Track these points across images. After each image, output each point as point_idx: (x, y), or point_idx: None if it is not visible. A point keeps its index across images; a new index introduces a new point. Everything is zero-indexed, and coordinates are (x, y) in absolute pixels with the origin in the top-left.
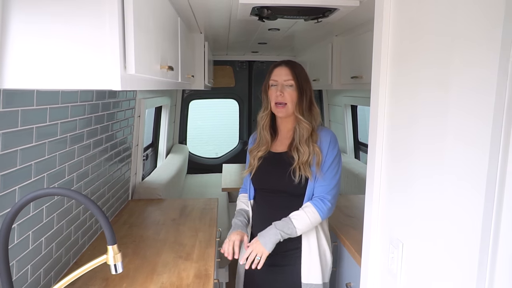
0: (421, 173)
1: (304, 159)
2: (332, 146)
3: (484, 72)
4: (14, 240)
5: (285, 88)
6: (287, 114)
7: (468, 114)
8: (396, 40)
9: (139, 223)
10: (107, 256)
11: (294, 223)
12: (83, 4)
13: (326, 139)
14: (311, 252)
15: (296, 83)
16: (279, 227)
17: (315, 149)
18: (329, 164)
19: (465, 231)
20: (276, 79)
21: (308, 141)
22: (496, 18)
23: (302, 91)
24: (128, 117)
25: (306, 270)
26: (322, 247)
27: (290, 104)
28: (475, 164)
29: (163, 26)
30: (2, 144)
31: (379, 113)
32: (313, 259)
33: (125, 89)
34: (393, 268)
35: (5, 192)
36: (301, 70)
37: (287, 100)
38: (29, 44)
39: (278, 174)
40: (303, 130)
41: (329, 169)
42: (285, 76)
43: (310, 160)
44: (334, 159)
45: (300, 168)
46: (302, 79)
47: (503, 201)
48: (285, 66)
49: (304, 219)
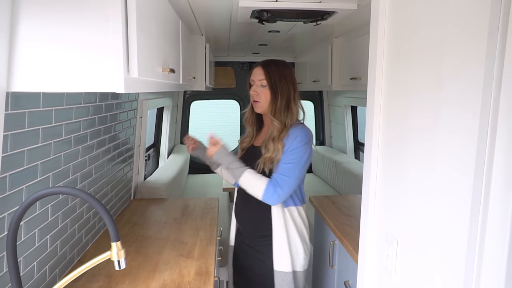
0: (413, 172)
1: (267, 155)
2: (297, 141)
3: (472, 74)
4: (21, 237)
5: (259, 88)
6: (262, 110)
7: (458, 115)
8: (391, 42)
9: (141, 222)
10: (111, 253)
11: (244, 173)
12: (88, 10)
13: (293, 135)
14: (281, 241)
15: (268, 83)
16: (235, 161)
17: (278, 146)
18: (288, 154)
19: (454, 229)
20: (253, 78)
21: (276, 138)
22: (481, 26)
23: (276, 91)
24: (131, 118)
25: (277, 258)
26: (292, 237)
27: (264, 102)
28: (464, 165)
29: (164, 29)
30: (10, 144)
31: (375, 113)
32: (282, 248)
33: (128, 91)
34: (388, 265)
35: (13, 191)
36: (276, 71)
37: (261, 98)
38: (37, 49)
39: (250, 165)
40: (274, 128)
41: (286, 158)
42: (259, 76)
43: (273, 156)
44: (293, 150)
45: (264, 163)
46: (276, 79)
47: (489, 199)
48: (260, 66)
49: (252, 179)
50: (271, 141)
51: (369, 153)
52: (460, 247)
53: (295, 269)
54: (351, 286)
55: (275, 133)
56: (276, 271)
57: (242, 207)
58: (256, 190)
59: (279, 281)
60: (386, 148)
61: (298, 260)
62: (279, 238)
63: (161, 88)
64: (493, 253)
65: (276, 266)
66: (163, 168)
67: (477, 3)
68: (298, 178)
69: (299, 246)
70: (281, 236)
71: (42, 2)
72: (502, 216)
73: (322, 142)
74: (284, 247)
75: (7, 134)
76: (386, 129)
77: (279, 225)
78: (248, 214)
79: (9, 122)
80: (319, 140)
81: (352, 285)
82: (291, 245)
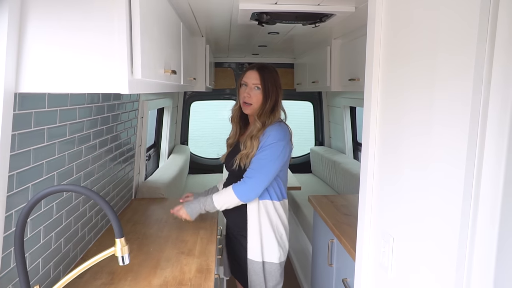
0: (407, 171)
1: (244, 152)
2: (270, 139)
3: (463, 77)
4: (28, 234)
5: (252, 90)
6: (252, 112)
7: (450, 116)
8: (387, 44)
9: (143, 221)
10: (115, 248)
11: (214, 202)
12: (93, 14)
13: (267, 134)
14: (254, 232)
15: (262, 87)
16: (202, 202)
17: (254, 143)
18: (260, 151)
19: (446, 226)
20: (246, 80)
21: (254, 137)
22: (470, 31)
23: (268, 95)
24: (132, 118)
25: (250, 247)
26: (265, 229)
27: (255, 104)
28: (456, 164)
29: (166, 32)
30: (17, 144)
31: (372, 113)
32: (254, 238)
33: (132, 92)
34: (385, 261)
35: (20, 189)
36: (270, 76)
37: (253, 101)
38: (44, 51)
39: (229, 160)
40: (254, 128)
41: (258, 155)
42: (254, 80)
43: (249, 152)
44: (266, 147)
45: (240, 159)
46: (269, 84)
47: (479, 197)
48: (256, 70)
49: (222, 198)
50: (249, 139)
51: (366, 152)
52: (452, 243)
53: (265, 260)
54: (349, 283)
55: (254, 132)
56: (248, 259)
57: None
58: (232, 200)
59: (249, 268)
60: (382, 146)
61: (270, 252)
62: (252, 229)
63: (163, 89)
64: (483, 248)
65: (249, 255)
66: (163, 168)
67: (467, 8)
68: (269, 172)
69: (272, 239)
70: (254, 227)
71: (49, 7)
72: (491, 212)
73: (321, 142)
74: (256, 237)
75: (14, 134)
76: (382, 127)
77: (253, 217)
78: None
79: (16, 122)
80: (318, 140)
81: (350, 283)
82: (263, 236)
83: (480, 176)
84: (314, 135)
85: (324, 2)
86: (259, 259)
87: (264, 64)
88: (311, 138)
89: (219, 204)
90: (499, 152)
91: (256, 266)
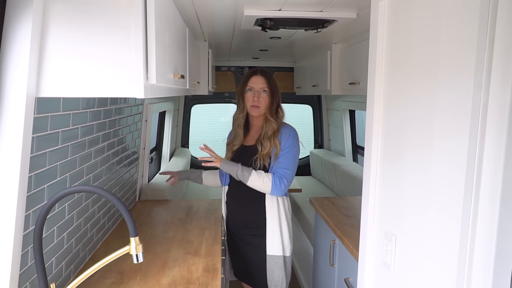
0: (410, 172)
1: (265, 152)
2: (291, 139)
3: (463, 83)
4: (43, 234)
5: (260, 94)
6: (260, 114)
7: (451, 120)
8: (389, 50)
9: (148, 222)
10: (130, 247)
11: (251, 175)
12: (111, 25)
13: (286, 134)
14: (274, 229)
15: (269, 90)
16: (240, 168)
17: (275, 142)
18: (286, 151)
19: (448, 225)
20: (253, 86)
21: (272, 137)
22: (471, 40)
23: (273, 96)
24: (137, 121)
25: (270, 244)
26: (283, 224)
27: (263, 107)
28: (457, 166)
29: (175, 38)
30: (35, 146)
31: (374, 117)
32: (275, 234)
33: (146, 97)
34: (388, 260)
35: (37, 190)
36: (272, 79)
37: (261, 104)
38: (64, 59)
39: (244, 163)
40: (268, 128)
41: (285, 155)
42: (261, 84)
43: (270, 152)
44: (290, 147)
45: (261, 159)
46: (274, 86)
47: (479, 196)
48: (261, 75)
49: (259, 179)
50: (267, 139)
51: (369, 153)
52: (453, 242)
53: (284, 254)
54: (351, 283)
55: (270, 132)
56: (268, 256)
57: (233, 203)
58: (265, 186)
59: (271, 264)
60: (384, 151)
61: (286, 246)
62: (272, 226)
63: (171, 93)
64: (484, 246)
65: (269, 251)
66: None
67: (467, 16)
68: (295, 170)
69: (286, 232)
70: (275, 224)
71: (70, 18)
72: (491, 212)
73: (321, 145)
74: (276, 233)
75: (33, 137)
76: (385, 133)
77: (273, 214)
78: (240, 208)
79: (34, 125)
80: (318, 143)
81: (352, 282)
82: (282, 231)
83: (480, 177)
84: (313, 138)
85: (327, 8)
86: (280, 253)
87: (263, 69)
88: (310, 141)
89: (252, 180)
90: (498, 155)
91: (278, 261)
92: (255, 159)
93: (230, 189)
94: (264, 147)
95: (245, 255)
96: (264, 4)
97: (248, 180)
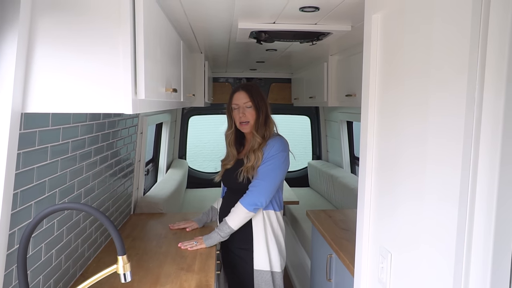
0: (404, 186)
1: (249, 164)
2: (274, 150)
3: (455, 99)
4: (29, 252)
5: (245, 110)
6: (250, 129)
7: (443, 133)
8: (383, 63)
9: (142, 236)
10: (117, 266)
11: (228, 223)
12: (99, 40)
13: (270, 145)
14: (260, 243)
15: (253, 104)
16: (218, 230)
17: (259, 155)
18: (267, 162)
19: (442, 243)
20: (237, 102)
21: (257, 149)
22: (463, 53)
23: (259, 109)
24: (132, 134)
25: (256, 258)
26: (270, 239)
27: (252, 121)
28: (450, 182)
29: (168, 51)
30: (22, 162)
31: (369, 130)
32: (261, 248)
33: (135, 112)
34: (383, 277)
35: (23, 207)
36: (256, 92)
37: (249, 118)
38: (50, 75)
39: (230, 175)
40: (254, 142)
41: (264, 165)
42: (244, 99)
43: (254, 164)
44: (271, 157)
45: (245, 171)
46: (258, 99)
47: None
48: (242, 90)
49: (234, 217)
50: (252, 152)
51: (364, 168)
52: (448, 259)
53: (272, 269)
54: None
55: (256, 146)
56: (255, 270)
57: (224, 216)
58: (243, 214)
59: (258, 279)
60: (379, 162)
61: (275, 261)
62: (258, 240)
63: (164, 107)
64: (479, 264)
65: (256, 266)
66: (162, 182)
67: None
68: (274, 181)
69: (274, 248)
70: (261, 238)
71: (56, 33)
72: (486, 228)
73: (319, 156)
74: (263, 247)
75: (19, 153)
76: (379, 143)
77: (259, 228)
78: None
79: (21, 141)
80: (316, 154)
81: None
82: (269, 246)
83: (474, 191)
84: (311, 149)
85: (321, 21)
86: (268, 269)
87: (246, 83)
88: (308, 152)
89: (234, 224)
90: (492, 165)
91: (265, 276)
92: (239, 172)
93: (223, 202)
94: (249, 160)
95: (235, 268)
96: (258, 17)
97: (231, 225)
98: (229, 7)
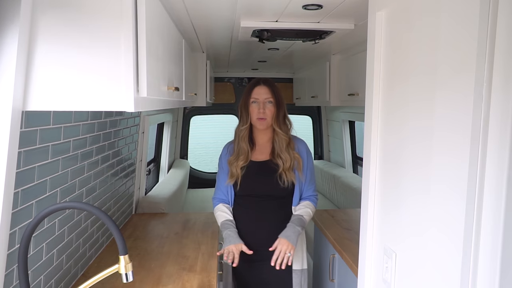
0: (409, 187)
1: (287, 165)
2: (309, 153)
3: (462, 96)
4: (30, 251)
5: (266, 105)
6: (267, 126)
7: (450, 131)
8: (387, 60)
9: (143, 236)
10: (119, 266)
11: (305, 217)
12: (100, 37)
13: (302, 147)
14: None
15: (275, 100)
16: (297, 223)
17: (295, 156)
18: (310, 168)
19: (448, 242)
20: (257, 97)
21: (288, 149)
22: (470, 50)
23: (279, 106)
24: (133, 133)
25: (296, 258)
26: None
27: (269, 118)
28: (457, 180)
29: (170, 50)
30: (23, 161)
31: (373, 129)
32: (299, 248)
33: (137, 110)
34: (387, 277)
35: (24, 206)
36: (277, 88)
37: (267, 115)
38: (52, 72)
39: (265, 180)
40: (281, 140)
41: (309, 170)
42: (265, 95)
43: (292, 165)
44: (310, 161)
45: (286, 174)
46: (279, 96)
47: (481, 214)
48: (264, 85)
49: (309, 213)
50: (284, 151)
51: (367, 167)
52: (455, 259)
53: (304, 267)
54: None
55: (285, 144)
56: (294, 270)
57: (253, 224)
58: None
59: (296, 280)
60: (383, 161)
61: (306, 258)
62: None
63: (165, 106)
64: (487, 263)
65: (294, 266)
66: (163, 182)
67: (465, 25)
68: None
69: (305, 246)
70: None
71: (58, 29)
72: (494, 226)
73: (321, 156)
74: (300, 247)
75: (20, 151)
76: (383, 142)
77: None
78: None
79: (21, 139)
80: (318, 154)
81: None
82: (303, 246)
83: (482, 189)
84: (313, 149)
85: (324, 20)
86: (305, 266)
87: (266, 78)
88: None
89: (308, 219)
90: (500, 165)
91: (303, 274)
92: (279, 175)
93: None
94: (285, 160)
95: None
96: (260, 15)
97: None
98: (232, 5)
